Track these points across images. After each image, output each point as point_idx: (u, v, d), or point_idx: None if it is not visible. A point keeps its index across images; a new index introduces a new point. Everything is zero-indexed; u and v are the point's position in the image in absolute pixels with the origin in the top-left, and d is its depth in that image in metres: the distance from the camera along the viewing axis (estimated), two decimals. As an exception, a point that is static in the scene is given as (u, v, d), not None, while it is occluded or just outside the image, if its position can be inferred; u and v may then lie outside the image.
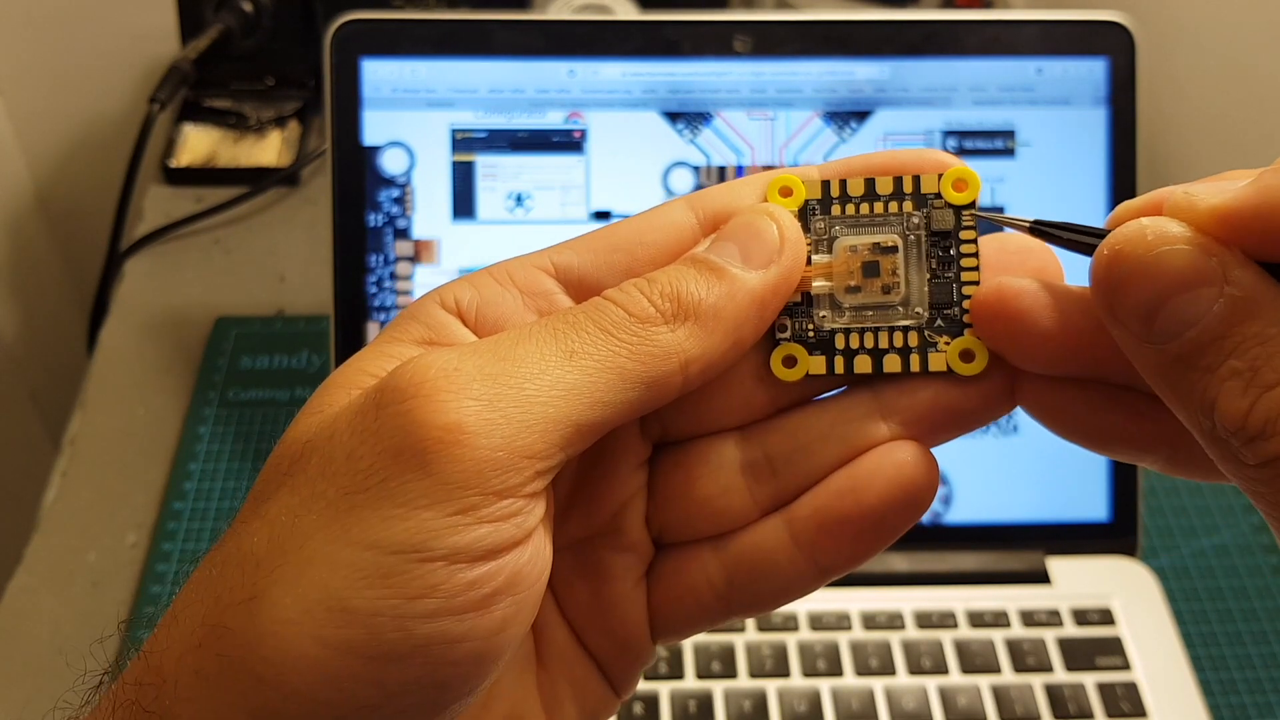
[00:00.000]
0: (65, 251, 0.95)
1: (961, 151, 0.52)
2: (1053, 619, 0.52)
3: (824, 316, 0.24)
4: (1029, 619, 0.52)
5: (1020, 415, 0.53)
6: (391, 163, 0.51)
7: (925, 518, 0.53)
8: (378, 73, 0.51)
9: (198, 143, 0.77)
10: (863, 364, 0.24)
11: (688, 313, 0.22)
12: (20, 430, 0.92)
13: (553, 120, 0.51)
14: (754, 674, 0.50)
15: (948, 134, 0.52)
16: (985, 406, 0.24)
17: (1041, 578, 0.53)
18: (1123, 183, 0.51)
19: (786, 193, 0.24)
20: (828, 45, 0.51)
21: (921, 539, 0.53)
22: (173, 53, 0.76)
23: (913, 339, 0.24)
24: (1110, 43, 0.51)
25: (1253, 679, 0.54)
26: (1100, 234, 0.21)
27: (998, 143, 0.52)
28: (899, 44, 0.51)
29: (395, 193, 0.51)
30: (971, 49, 0.51)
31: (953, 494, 0.53)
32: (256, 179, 0.75)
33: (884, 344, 0.24)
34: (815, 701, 0.49)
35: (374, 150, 0.51)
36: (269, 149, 0.77)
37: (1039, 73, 0.51)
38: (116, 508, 0.59)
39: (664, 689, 0.49)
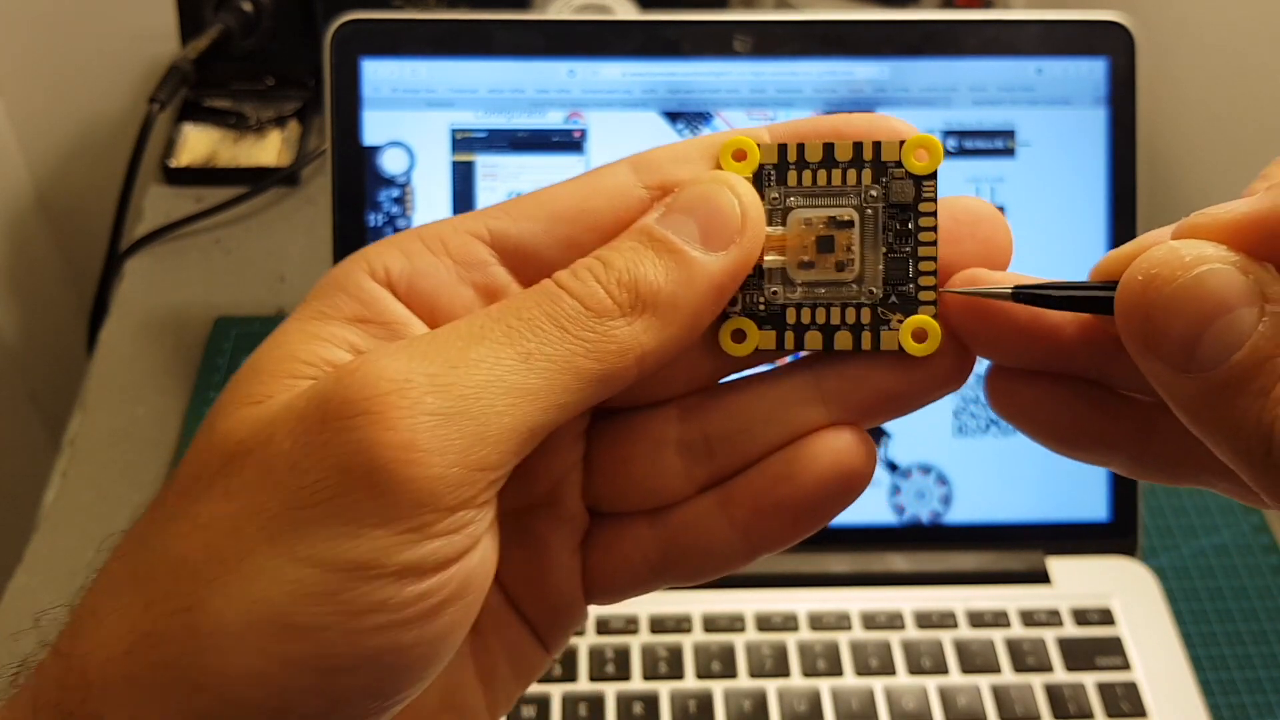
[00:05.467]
0: (65, 251, 0.95)
1: (962, 151, 0.52)
2: (1053, 619, 0.52)
3: (775, 292, 0.23)
4: (1029, 619, 0.52)
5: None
6: (391, 163, 0.51)
7: (925, 518, 0.53)
8: (378, 73, 0.51)
9: (198, 143, 0.77)
10: (813, 340, 0.23)
11: (646, 304, 0.21)
12: (20, 430, 0.92)
13: (553, 120, 0.51)
14: (754, 674, 0.50)
15: (948, 134, 0.52)
16: (930, 389, 0.23)
17: (1041, 578, 0.53)
18: (1123, 183, 0.51)
19: (740, 157, 0.23)
20: (827, 45, 0.51)
21: (921, 539, 0.53)
22: (173, 53, 0.76)
23: (865, 315, 0.23)
24: (1110, 43, 0.51)
25: (1252, 679, 0.54)
26: (1092, 285, 0.21)
27: (998, 143, 0.52)
28: (899, 44, 0.51)
29: (395, 192, 0.51)
30: (971, 49, 0.51)
31: (953, 494, 0.53)
32: (256, 179, 0.75)
33: (835, 319, 0.23)
34: (815, 701, 0.49)
35: (374, 150, 0.51)
36: (269, 149, 0.77)
37: (1039, 73, 0.51)
38: (116, 508, 0.59)
39: (664, 689, 0.49)
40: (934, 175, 0.23)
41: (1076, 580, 0.53)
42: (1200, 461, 0.22)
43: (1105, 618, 0.52)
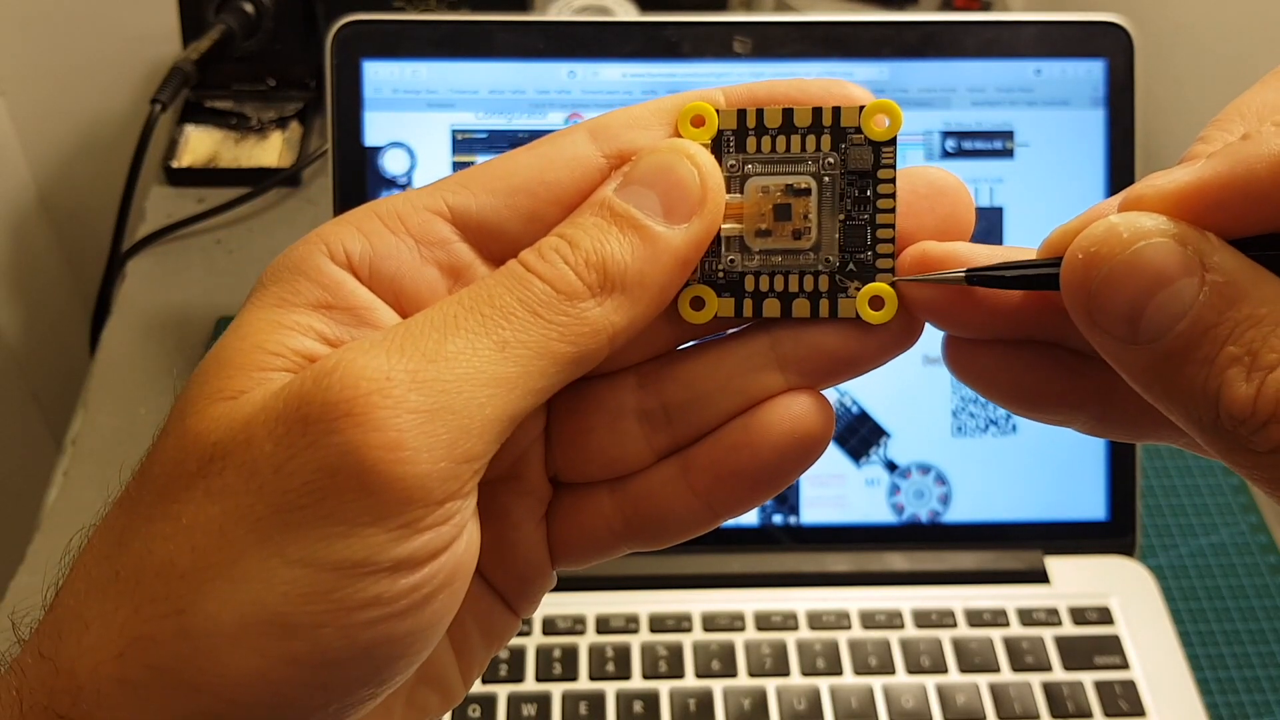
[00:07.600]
0: (67, 252, 0.95)
1: (960, 152, 0.52)
2: (1051, 618, 0.52)
3: (733, 260, 0.23)
4: (1027, 618, 0.52)
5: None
6: (392, 163, 0.52)
7: (924, 517, 0.53)
8: (379, 74, 0.51)
9: (199, 143, 0.77)
10: (771, 307, 0.23)
11: (614, 283, 0.21)
12: (22, 430, 0.92)
13: (553, 121, 0.52)
14: (753, 673, 0.50)
15: (946, 135, 0.52)
16: (883, 352, 0.23)
17: (1040, 577, 0.53)
18: (1121, 183, 0.51)
19: (698, 122, 0.23)
20: (827, 47, 0.51)
21: (920, 538, 0.53)
22: (174, 54, 0.77)
23: (823, 283, 0.23)
24: (1108, 44, 0.51)
25: (1250, 677, 0.54)
26: (1042, 263, 0.21)
27: (996, 143, 0.52)
28: (898, 45, 0.51)
29: (396, 193, 0.52)
30: (970, 50, 0.51)
31: (951, 493, 0.53)
32: (258, 179, 0.75)
33: (793, 287, 0.23)
34: (815, 700, 0.49)
35: (375, 151, 0.52)
36: (270, 150, 0.77)
37: (1037, 74, 0.51)
38: (119, 507, 0.59)
39: (664, 688, 0.49)
40: (893, 142, 0.22)
41: (1075, 579, 0.53)
42: (1161, 418, 0.22)
43: (1103, 617, 0.52)
